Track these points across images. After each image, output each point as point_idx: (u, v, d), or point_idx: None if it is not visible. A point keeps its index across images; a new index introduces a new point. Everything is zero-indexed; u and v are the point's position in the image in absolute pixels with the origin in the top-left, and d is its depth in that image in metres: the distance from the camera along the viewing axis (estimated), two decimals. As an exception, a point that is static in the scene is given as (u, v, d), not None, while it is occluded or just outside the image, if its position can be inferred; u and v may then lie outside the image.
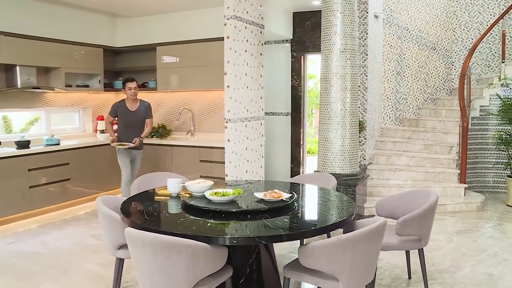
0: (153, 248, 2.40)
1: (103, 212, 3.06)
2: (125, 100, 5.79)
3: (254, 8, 5.76)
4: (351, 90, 5.30)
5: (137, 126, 5.80)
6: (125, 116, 5.75)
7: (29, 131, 6.22)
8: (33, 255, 4.32)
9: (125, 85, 5.70)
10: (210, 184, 3.30)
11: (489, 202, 6.43)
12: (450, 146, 6.69)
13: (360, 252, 2.53)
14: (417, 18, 7.79)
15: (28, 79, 5.70)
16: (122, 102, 5.79)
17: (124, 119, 5.76)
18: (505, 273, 3.87)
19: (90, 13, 6.71)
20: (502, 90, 6.86)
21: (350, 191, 5.27)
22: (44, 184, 5.63)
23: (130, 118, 5.75)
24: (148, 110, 5.88)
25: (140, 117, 5.81)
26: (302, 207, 3.11)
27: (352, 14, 5.31)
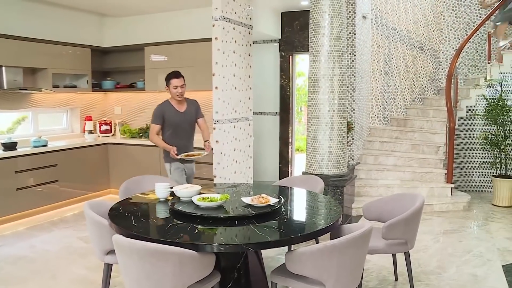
0: (140, 256, 2.40)
1: (91, 217, 3.06)
2: (168, 100, 4.78)
3: (242, 8, 5.76)
4: (339, 91, 5.33)
5: (189, 131, 4.87)
6: (174, 119, 4.70)
7: (17, 131, 6.19)
8: (20, 259, 4.30)
9: (168, 82, 4.68)
10: (197, 189, 3.31)
11: (475, 201, 6.51)
12: (437, 146, 6.75)
13: (346, 258, 2.56)
14: (405, 18, 7.85)
15: (15, 80, 5.66)
16: (166, 103, 4.77)
17: (172, 124, 4.71)
18: (489, 274, 3.94)
19: (77, 12, 6.66)
20: (488, 91, 6.94)
21: (338, 192, 5.30)
22: (32, 186, 5.60)
23: (180, 121, 4.74)
24: (198, 108, 4.92)
25: (192, 119, 4.85)
26: (290, 212, 3.12)
27: (340, 15, 5.33)
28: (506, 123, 6.41)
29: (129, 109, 7.33)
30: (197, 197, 3.12)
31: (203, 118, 4.93)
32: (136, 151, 6.56)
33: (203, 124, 4.91)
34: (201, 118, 4.91)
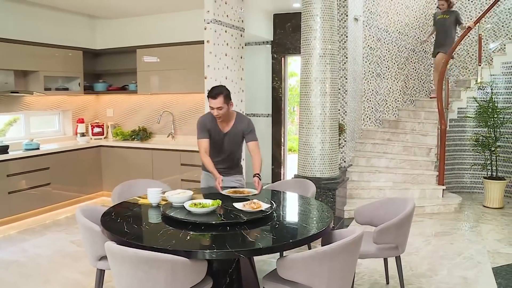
0: (133, 263, 2.41)
1: (83, 224, 3.06)
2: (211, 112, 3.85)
3: (234, 11, 5.77)
4: (331, 94, 5.36)
5: (233, 154, 4.11)
6: (215, 139, 3.95)
7: (8, 134, 6.17)
8: (12, 264, 4.29)
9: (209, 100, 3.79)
10: (189, 194, 3.31)
11: (466, 203, 6.56)
12: (428, 148, 6.80)
13: (337, 264, 2.58)
14: (396, 21, 7.89)
15: (6, 83, 5.63)
16: (210, 117, 3.91)
17: (214, 143, 3.96)
18: (479, 276, 3.98)
19: (69, 15, 6.63)
20: (479, 93, 6.99)
21: (330, 194, 5.33)
22: (24, 189, 5.57)
23: (222, 143, 3.98)
24: (247, 130, 3.98)
25: (237, 141, 4.05)
26: (281, 217, 3.14)
27: (332, 18, 5.36)
28: (497, 125, 6.47)
29: (122, 112, 7.31)
30: (189, 203, 3.12)
31: (254, 142, 3.97)
32: (129, 154, 6.55)
33: (254, 150, 3.95)
34: (252, 142, 3.97)
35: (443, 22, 7.25)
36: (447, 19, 7.20)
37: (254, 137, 3.98)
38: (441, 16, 7.30)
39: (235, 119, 3.95)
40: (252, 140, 3.97)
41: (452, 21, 7.18)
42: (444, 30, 7.23)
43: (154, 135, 7.03)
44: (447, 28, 7.21)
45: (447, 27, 7.20)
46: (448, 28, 7.20)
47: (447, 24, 7.20)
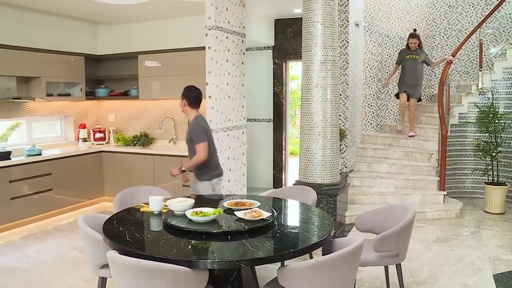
0: (135, 273, 2.43)
1: (85, 232, 3.08)
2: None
3: (235, 17, 5.79)
4: (332, 101, 5.37)
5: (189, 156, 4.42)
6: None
7: (11, 139, 6.21)
8: (14, 270, 4.31)
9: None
10: (191, 203, 3.33)
11: (467, 208, 6.57)
12: (429, 154, 6.81)
13: (337, 273, 2.59)
14: (397, 26, 7.91)
15: (8, 89, 5.66)
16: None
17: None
18: (479, 283, 3.99)
19: (70, 21, 6.67)
20: (480, 98, 7.01)
21: (331, 201, 5.35)
22: (26, 195, 5.59)
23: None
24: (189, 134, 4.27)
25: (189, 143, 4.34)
26: (282, 226, 3.15)
27: (333, 25, 5.38)
28: (498, 130, 6.48)
29: (123, 117, 7.34)
30: (190, 211, 3.14)
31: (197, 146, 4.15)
32: (130, 159, 6.57)
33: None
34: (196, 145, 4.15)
35: (413, 63, 7.05)
36: (417, 60, 7.03)
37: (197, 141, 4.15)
38: (411, 56, 7.06)
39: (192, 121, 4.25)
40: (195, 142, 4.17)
41: (421, 62, 7.05)
42: (414, 71, 7.04)
43: (155, 141, 7.05)
44: (417, 69, 7.06)
45: (417, 68, 7.05)
46: (418, 69, 7.05)
47: (417, 65, 7.04)
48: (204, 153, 4.14)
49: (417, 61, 7.01)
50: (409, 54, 7.06)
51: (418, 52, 7.02)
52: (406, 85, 7.10)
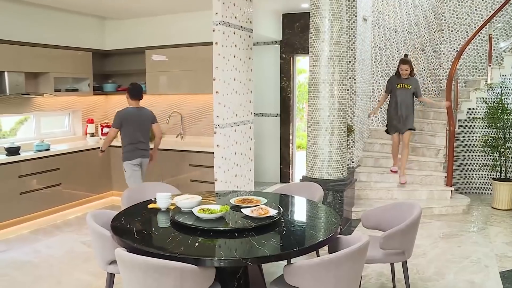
0: (142, 270, 2.46)
1: (94, 229, 3.11)
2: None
3: (242, 12, 5.78)
4: (339, 96, 5.36)
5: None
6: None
7: (19, 133, 6.29)
8: (25, 265, 4.37)
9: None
10: (198, 200, 3.36)
11: (475, 204, 6.55)
12: (437, 149, 6.79)
13: (343, 271, 2.61)
14: (405, 20, 7.86)
15: (17, 85, 5.69)
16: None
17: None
18: (485, 281, 3.99)
19: (78, 16, 6.69)
20: (489, 93, 6.96)
21: (338, 196, 5.35)
22: (35, 190, 5.66)
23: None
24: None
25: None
26: (289, 224, 3.16)
27: (340, 20, 5.36)
28: (506, 126, 6.44)
29: (131, 111, 7.36)
30: (198, 209, 3.17)
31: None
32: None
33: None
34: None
35: (405, 93, 6.25)
36: (409, 90, 6.24)
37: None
38: (402, 85, 6.25)
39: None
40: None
41: (413, 92, 6.27)
42: (405, 103, 6.25)
43: (163, 135, 7.05)
44: (409, 100, 6.28)
45: (408, 99, 6.28)
46: (409, 100, 6.29)
47: (408, 95, 6.27)
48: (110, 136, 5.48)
49: (408, 91, 6.25)
50: (400, 82, 6.26)
51: (410, 81, 6.24)
52: (397, 121, 6.33)
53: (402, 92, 6.27)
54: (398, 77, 6.29)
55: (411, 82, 6.24)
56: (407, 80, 6.25)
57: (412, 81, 6.26)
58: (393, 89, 6.35)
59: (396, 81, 6.31)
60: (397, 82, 6.29)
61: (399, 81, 6.28)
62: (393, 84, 6.36)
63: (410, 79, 6.26)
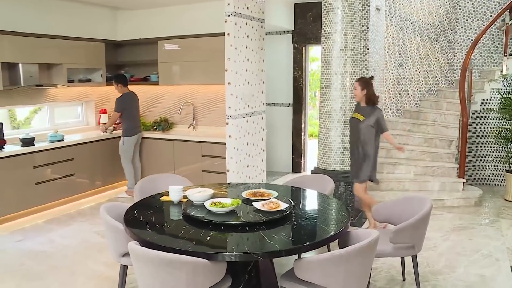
0: (155, 264, 2.51)
1: (107, 221, 3.17)
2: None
3: (254, 3, 5.76)
4: (351, 88, 5.34)
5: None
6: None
7: (33, 123, 6.41)
8: (40, 254, 4.46)
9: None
10: (210, 193, 3.39)
11: (487, 196, 6.51)
12: (450, 140, 6.74)
13: (353, 266, 2.63)
14: (419, 9, 7.77)
15: (31, 77, 5.75)
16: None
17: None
18: (496, 275, 3.98)
19: (90, 7, 6.71)
20: (504, 84, 6.87)
21: (349, 188, 5.36)
22: (50, 180, 5.75)
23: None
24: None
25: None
26: (299, 218, 3.18)
27: (353, 11, 5.32)
28: (521, 118, 6.38)
29: (144, 102, 7.40)
30: (209, 202, 3.20)
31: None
32: (150, 144, 6.67)
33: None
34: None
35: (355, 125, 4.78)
36: (363, 122, 4.66)
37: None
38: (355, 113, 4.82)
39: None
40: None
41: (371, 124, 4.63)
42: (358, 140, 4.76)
43: (175, 126, 7.12)
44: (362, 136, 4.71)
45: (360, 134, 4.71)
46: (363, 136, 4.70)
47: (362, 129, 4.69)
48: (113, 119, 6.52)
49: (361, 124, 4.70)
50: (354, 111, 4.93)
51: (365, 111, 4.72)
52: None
53: (354, 123, 4.83)
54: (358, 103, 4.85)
55: (367, 111, 4.68)
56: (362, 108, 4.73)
57: (371, 110, 4.68)
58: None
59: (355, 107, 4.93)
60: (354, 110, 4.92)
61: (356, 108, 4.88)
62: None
63: (368, 108, 4.69)
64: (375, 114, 4.63)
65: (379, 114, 4.64)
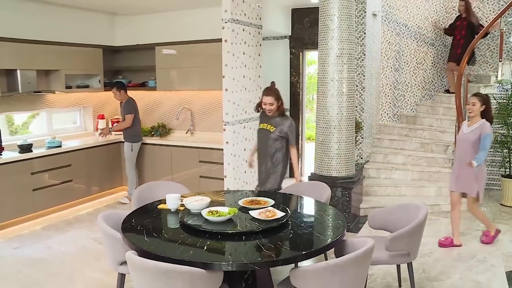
0: (152, 274, 2.53)
1: (105, 230, 3.19)
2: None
3: (252, 9, 5.80)
4: (348, 94, 5.38)
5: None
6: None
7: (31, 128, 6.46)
8: (38, 262, 4.47)
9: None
10: (207, 202, 3.41)
11: (483, 201, 6.44)
12: (446, 145, 6.78)
13: (348, 275, 2.66)
14: (416, 14, 7.81)
15: (29, 83, 5.77)
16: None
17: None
18: (491, 281, 4.01)
19: (88, 12, 6.74)
20: (499, 90, 6.92)
21: (346, 194, 5.39)
22: (47, 186, 5.77)
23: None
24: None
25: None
26: (296, 227, 3.19)
27: (350, 18, 5.35)
28: (516, 123, 6.41)
29: (141, 107, 7.41)
30: (206, 211, 3.22)
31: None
32: (148, 150, 6.69)
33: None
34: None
35: (265, 136, 4.45)
36: (273, 133, 4.37)
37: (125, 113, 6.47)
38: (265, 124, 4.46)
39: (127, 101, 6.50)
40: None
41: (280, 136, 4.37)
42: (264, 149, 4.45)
43: (173, 131, 7.14)
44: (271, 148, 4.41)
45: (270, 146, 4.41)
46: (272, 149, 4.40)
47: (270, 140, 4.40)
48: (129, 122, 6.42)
49: (270, 134, 4.40)
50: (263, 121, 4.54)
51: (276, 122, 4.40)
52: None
53: (262, 133, 4.51)
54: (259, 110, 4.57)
55: (278, 122, 4.38)
56: (271, 118, 4.42)
57: (281, 120, 4.39)
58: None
59: (260, 118, 4.58)
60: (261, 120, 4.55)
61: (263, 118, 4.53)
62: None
63: (279, 118, 4.40)
64: (289, 124, 4.41)
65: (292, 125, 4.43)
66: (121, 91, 6.37)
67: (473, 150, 4.61)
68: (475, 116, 4.69)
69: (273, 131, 4.36)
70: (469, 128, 4.72)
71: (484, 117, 4.68)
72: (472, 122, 4.72)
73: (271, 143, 4.38)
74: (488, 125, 4.64)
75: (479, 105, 4.64)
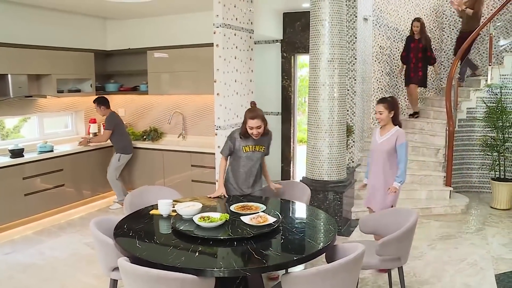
0: (144, 281, 2.54)
1: (97, 236, 3.19)
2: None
3: (243, 13, 5.82)
4: (339, 98, 5.41)
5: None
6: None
7: (23, 133, 6.43)
8: (29, 267, 4.46)
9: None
10: (198, 207, 3.43)
11: (474, 203, 6.60)
12: (436, 149, 6.83)
13: (339, 280, 2.68)
14: (406, 18, 7.88)
15: (20, 88, 5.76)
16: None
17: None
18: (481, 284, 4.06)
19: (79, 17, 6.74)
20: (488, 93, 6.98)
21: (337, 197, 5.42)
22: (39, 191, 5.74)
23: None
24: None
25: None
26: (287, 232, 3.21)
27: (341, 23, 5.39)
28: (505, 127, 6.48)
29: (133, 111, 7.44)
30: (198, 217, 3.23)
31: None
32: (140, 154, 6.69)
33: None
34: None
35: (254, 157, 4.16)
36: (262, 152, 4.20)
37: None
38: (252, 147, 4.13)
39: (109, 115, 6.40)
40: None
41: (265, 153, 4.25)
42: (250, 168, 4.20)
43: (165, 135, 7.15)
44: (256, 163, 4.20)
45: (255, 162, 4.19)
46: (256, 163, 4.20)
47: (259, 160, 4.21)
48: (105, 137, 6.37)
49: (256, 154, 4.18)
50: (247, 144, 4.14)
51: (262, 141, 4.18)
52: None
53: (250, 157, 4.17)
54: (245, 135, 4.09)
55: (263, 140, 4.19)
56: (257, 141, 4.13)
57: (264, 139, 4.20)
58: (237, 151, 4.16)
59: (242, 142, 4.12)
60: (244, 144, 4.12)
61: (248, 141, 4.11)
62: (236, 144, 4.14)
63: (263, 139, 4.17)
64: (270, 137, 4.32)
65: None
66: (101, 107, 6.30)
67: (388, 161, 4.29)
68: (387, 124, 4.31)
69: (263, 150, 4.22)
70: (382, 138, 4.32)
71: (394, 123, 4.32)
72: (385, 131, 4.32)
73: (258, 160, 4.21)
74: (403, 132, 4.26)
75: (386, 112, 4.24)
